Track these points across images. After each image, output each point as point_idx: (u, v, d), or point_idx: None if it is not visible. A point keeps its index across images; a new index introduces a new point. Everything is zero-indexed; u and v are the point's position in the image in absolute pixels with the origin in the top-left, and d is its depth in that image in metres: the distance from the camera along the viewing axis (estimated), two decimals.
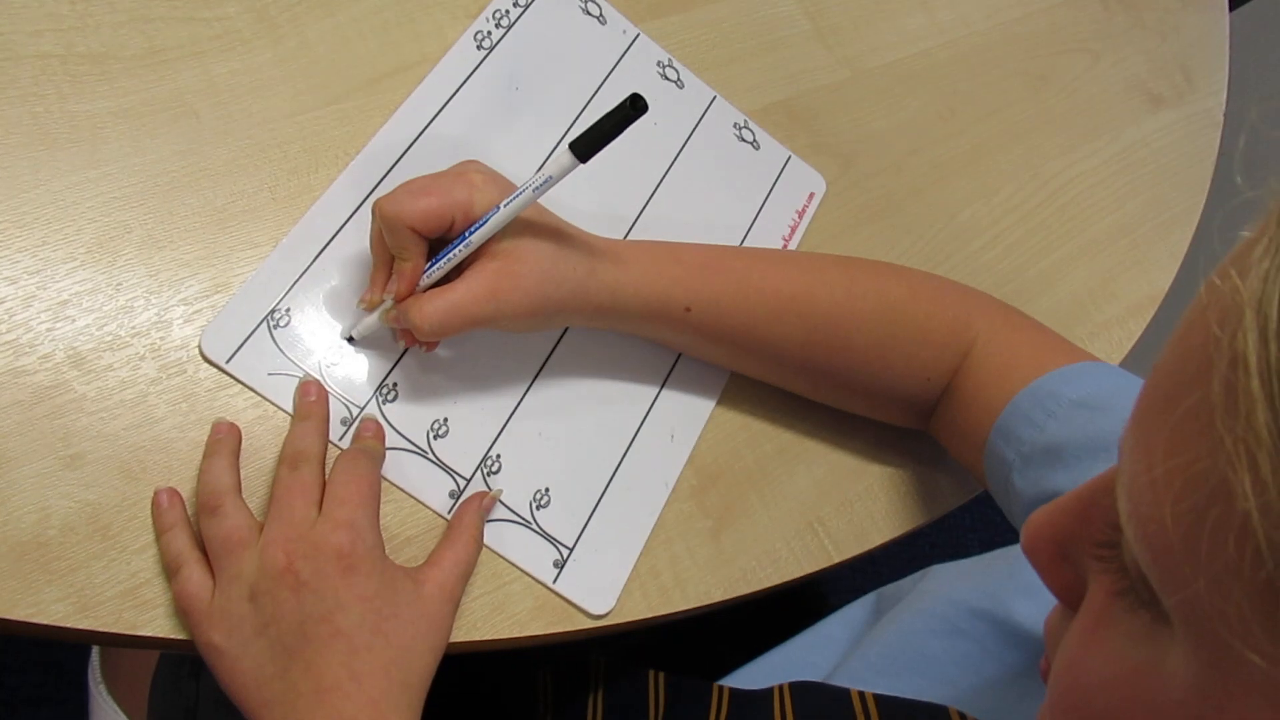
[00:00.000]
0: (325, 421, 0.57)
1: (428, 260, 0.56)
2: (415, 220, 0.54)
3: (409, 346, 0.62)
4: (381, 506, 0.56)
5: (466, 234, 0.55)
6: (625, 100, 0.48)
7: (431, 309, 0.54)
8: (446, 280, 0.56)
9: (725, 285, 0.62)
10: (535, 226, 0.57)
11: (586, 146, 0.51)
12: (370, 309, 0.59)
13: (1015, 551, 0.57)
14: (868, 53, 0.86)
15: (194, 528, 0.54)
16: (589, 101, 0.72)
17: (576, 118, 0.72)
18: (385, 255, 0.57)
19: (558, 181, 0.52)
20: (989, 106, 0.89)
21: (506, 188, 0.56)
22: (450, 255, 0.56)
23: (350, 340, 0.61)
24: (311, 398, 0.57)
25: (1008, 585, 0.55)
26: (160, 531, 0.53)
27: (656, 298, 0.61)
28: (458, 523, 0.58)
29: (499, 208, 0.54)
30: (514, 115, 0.70)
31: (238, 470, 0.55)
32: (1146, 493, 0.26)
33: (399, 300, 0.56)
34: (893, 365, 0.65)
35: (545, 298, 0.57)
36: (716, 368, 0.69)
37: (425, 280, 0.56)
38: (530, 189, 0.53)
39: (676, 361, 0.69)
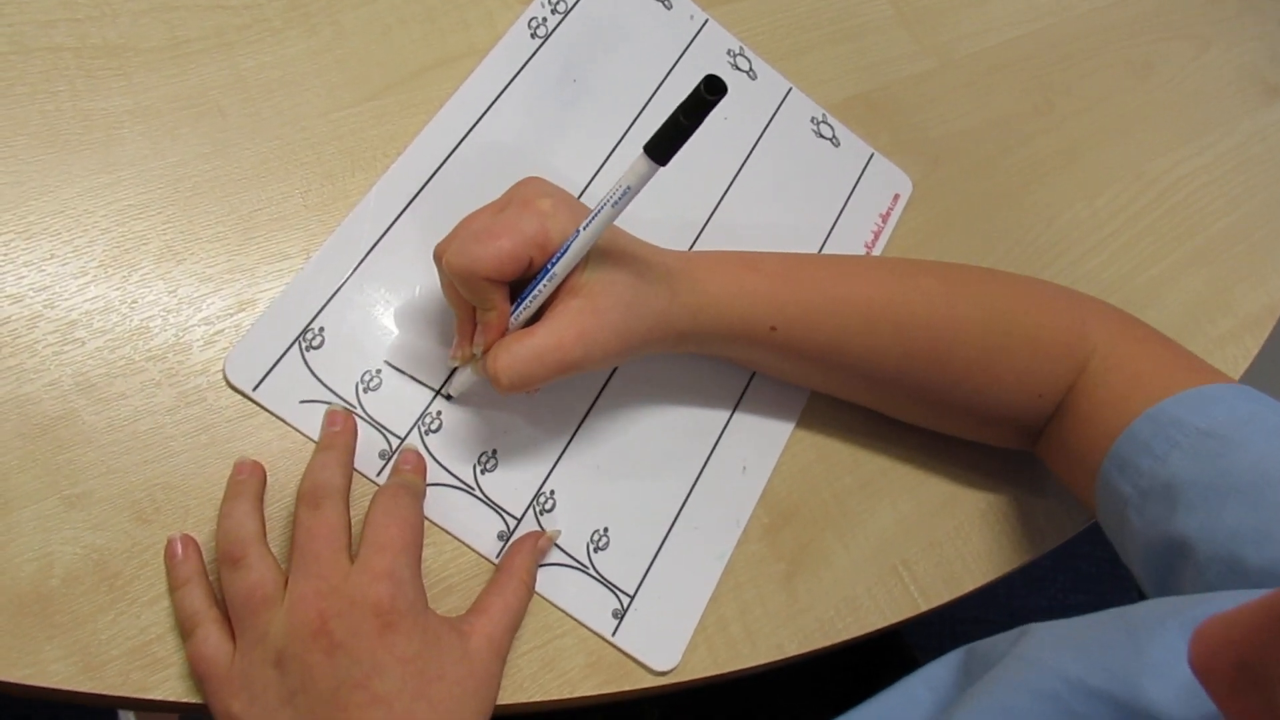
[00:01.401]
0: (350, 453, 0.51)
1: (513, 300, 0.51)
2: (490, 270, 0.48)
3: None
4: (423, 550, 0.50)
5: (548, 267, 0.49)
6: (699, 84, 0.42)
7: (511, 359, 0.49)
8: (535, 317, 0.51)
9: (811, 296, 0.56)
10: (612, 251, 0.51)
11: (663, 146, 0.44)
12: (464, 363, 0.53)
13: (1138, 616, 0.49)
14: (956, 40, 0.79)
15: (212, 579, 0.48)
16: (654, 94, 0.66)
17: (640, 112, 0.65)
18: (466, 305, 0.52)
19: (637, 193, 0.46)
20: (1088, 98, 0.82)
21: (579, 209, 0.50)
22: (535, 293, 0.50)
23: (449, 398, 0.56)
24: (336, 427, 0.52)
25: (1133, 661, 0.48)
26: (174, 587, 0.47)
27: (739, 316, 0.55)
28: (508, 566, 0.53)
29: (578, 232, 0.48)
30: (572, 111, 0.63)
31: (262, 515, 0.49)
32: None
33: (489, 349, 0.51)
34: (1000, 379, 0.58)
35: (631, 331, 0.51)
36: (793, 388, 0.63)
37: (514, 323, 0.51)
38: (608, 205, 0.46)
39: (749, 382, 0.62)
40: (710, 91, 0.42)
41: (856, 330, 0.57)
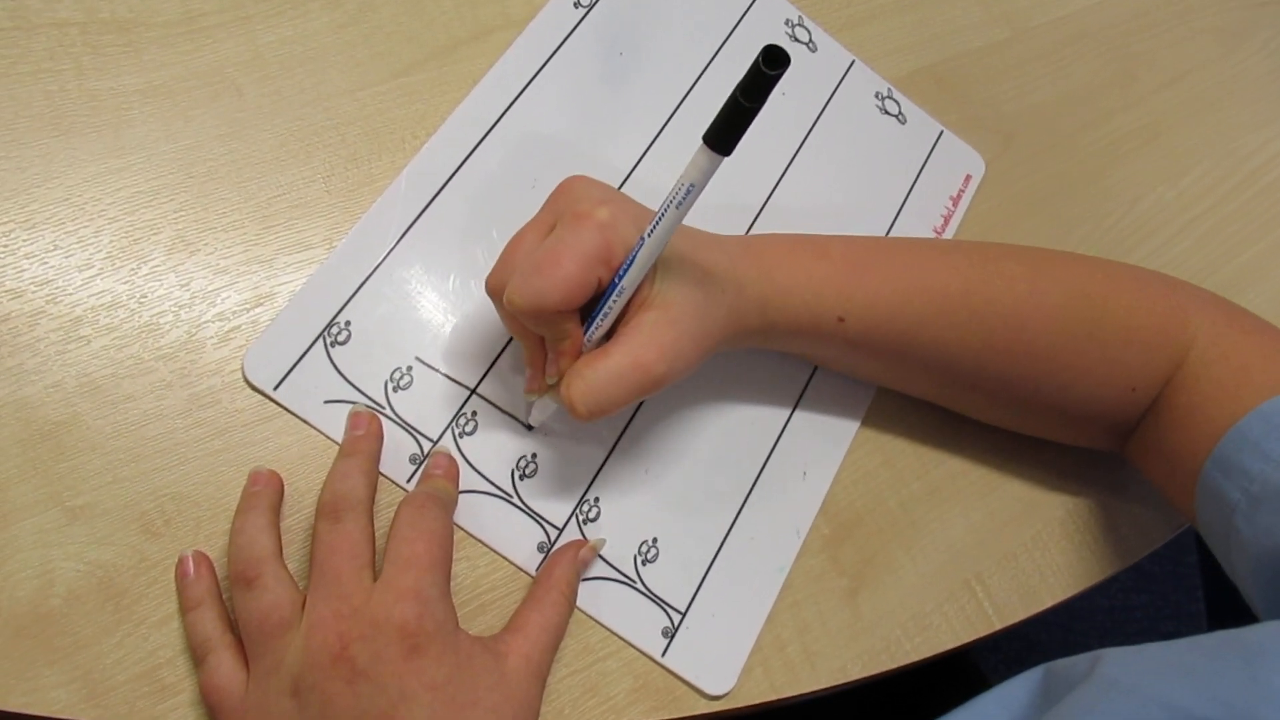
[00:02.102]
0: (374, 460, 0.47)
1: (584, 322, 0.46)
2: (559, 302, 0.43)
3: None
4: (453, 564, 0.46)
5: (615, 281, 0.44)
6: (757, 58, 0.36)
7: (587, 386, 0.44)
8: (607, 335, 0.47)
9: (883, 284, 0.51)
10: (678, 255, 0.47)
11: (725, 134, 0.39)
12: (541, 394, 0.49)
13: (1254, 640, 0.44)
14: (1030, 8, 0.73)
15: (225, 598, 0.44)
16: (705, 68, 0.61)
17: (691, 88, 0.60)
18: (533, 336, 0.48)
19: (702, 190, 0.41)
20: (1174, 71, 0.76)
21: (639, 212, 0.46)
22: (605, 311, 0.45)
23: (529, 429, 0.52)
24: (359, 431, 0.48)
25: (1249, 690, 0.43)
26: (186, 609, 0.44)
27: (806, 307, 0.50)
28: (546, 577, 0.48)
29: (642, 240, 0.43)
30: (618, 87, 0.59)
31: (278, 531, 0.45)
32: None
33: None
34: (1090, 371, 0.53)
35: (707, 335, 0.47)
36: (857, 385, 0.58)
37: (586, 345, 0.47)
38: (672, 207, 0.41)
39: (811, 378, 0.57)
40: (770, 65, 0.36)
41: (931, 320, 0.52)
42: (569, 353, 0.46)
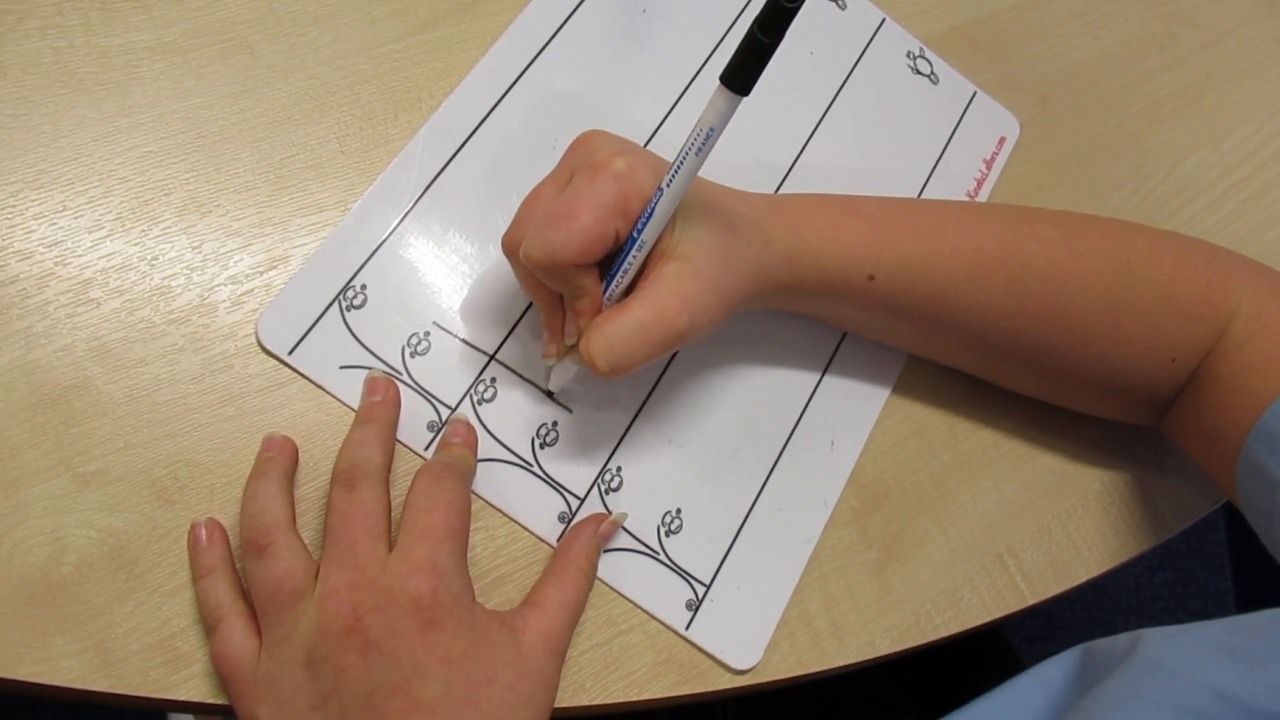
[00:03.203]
0: (391, 428, 0.46)
1: (603, 278, 0.45)
2: (576, 256, 0.42)
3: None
4: (471, 535, 0.45)
5: (634, 235, 0.43)
6: None
7: (609, 341, 0.43)
8: (627, 291, 0.45)
9: (915, 243, 0.49)
10: (698, 203, 0.45)
11: (743, 73, 0.37)
12: (559, 358, 0.48)
13: None
14: None
15: (238, 569, 0.43)
16: (732, 24, 0.59)
17: (717, 45, 0.58)
18: (550, 295, 0.46)
19: (720, 134, 0.39)
20: (1217, 29, 0.73)
21: (656, 163, 0.44)
22: (625, 266, 0.44)
23: (550, 395, 0.51)
24: (377, 397, 0.46)
25: None
26: (198, 576, 0.43)
27: (834, 264, 0.48)
28: (565, 552, 0.47)
29: (661, 190, 0.42)
30: (640, 44, 0.57)
31: (291, 498, 0.44)
32: None
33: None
34: (1128, 340, 0.52)
35: (731, 289, 0.45)
36: (887, 352, 0.56)
37: (606, 303, 0.45)
38: (691, 154, 0.40)
39: (840, 344, 0.56)
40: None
41: (964, 282, 0.50)
42: (588, 311, 0.45)
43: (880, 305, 0.50)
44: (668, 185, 0.41)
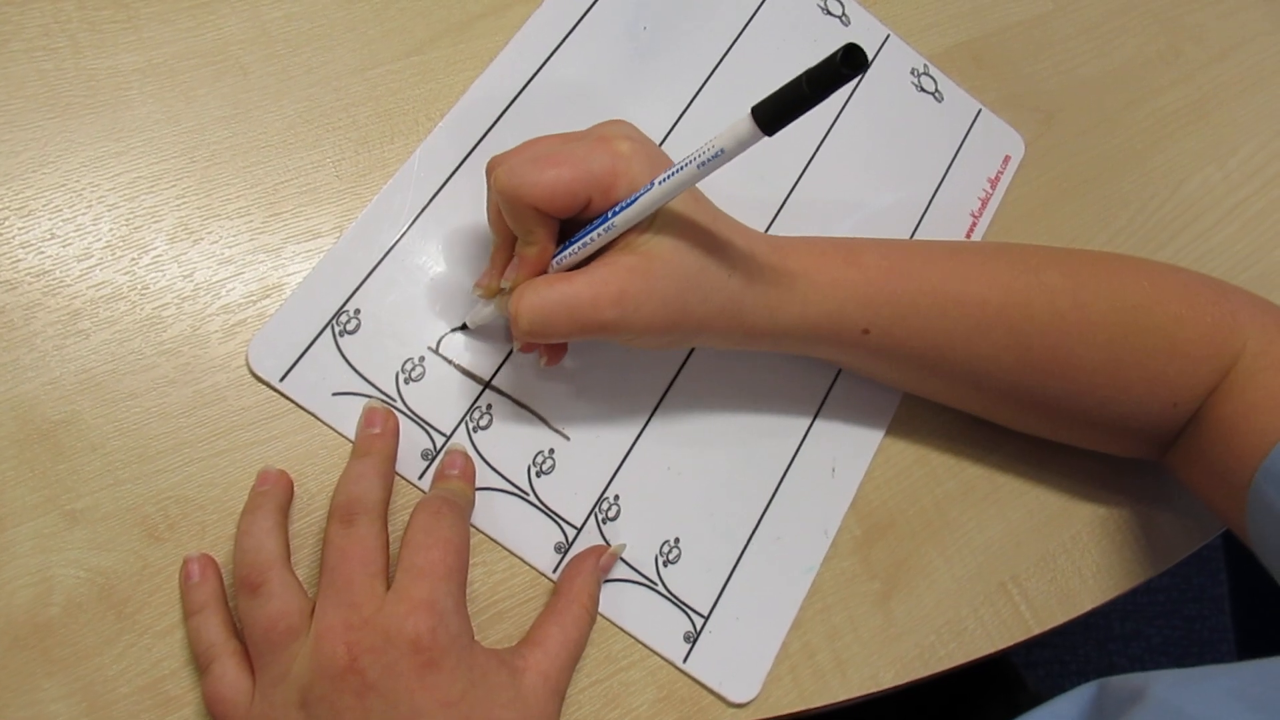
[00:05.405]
0: (389, 461, 0.45)
1: (559, 243, 0.44)
2: (539, 198, 0.41)
3: (526, 353, 0.49)
4: (469, 570, 0.44)
5: (608, 215, 0.42)
6: (837, 52, 0.34)
7: (538, 301, 0.42)
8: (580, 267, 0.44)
9: (915, 296, 0.49)
10: (687, 217, 0.44)
11: (775, 114, 0.36)
12: (488, 296, 0.47)
13: None
14: None
15: (231, 604, 0.42)
16: (732, 45, 0.58)
17: (717, 65, 0.57)
18: (507, 232, 0.46)
19: (731, 158, 0.38)
20: (1222, 45, 0.72)
21: (660, 161, 0.43)
22: (585, 240, 0.43)
23: (464, 328, 0.50)
24: (375, 429, 0.46)
25: None
26: (189, 613, 0.42)
27: (827, 318, 0.47)
28: (566, 589, 0.46)
29: (651, 184, 0.41)
30: (641, 64, 0.56)
31: (285, 533, 0.43)
32: None
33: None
34: (1129, 388, 0.51)
35: (685, 312, 0.44)
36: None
37: (554, 267, 0.44)
38: (694, 164, 0.39)
39: (840, 371, 0.55)
40: (849, 65, 0.34)
41: (964, 334, 0.49)
42: (531, 261, 0.44)
43: (873, 355, 0.50)
44: (659, 183, 0.41)
